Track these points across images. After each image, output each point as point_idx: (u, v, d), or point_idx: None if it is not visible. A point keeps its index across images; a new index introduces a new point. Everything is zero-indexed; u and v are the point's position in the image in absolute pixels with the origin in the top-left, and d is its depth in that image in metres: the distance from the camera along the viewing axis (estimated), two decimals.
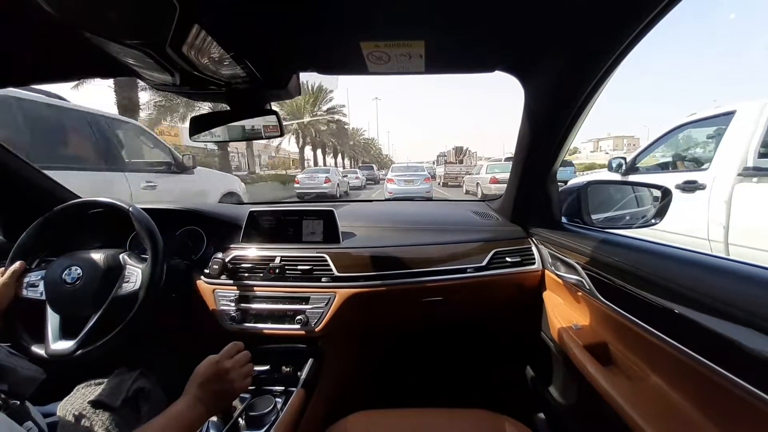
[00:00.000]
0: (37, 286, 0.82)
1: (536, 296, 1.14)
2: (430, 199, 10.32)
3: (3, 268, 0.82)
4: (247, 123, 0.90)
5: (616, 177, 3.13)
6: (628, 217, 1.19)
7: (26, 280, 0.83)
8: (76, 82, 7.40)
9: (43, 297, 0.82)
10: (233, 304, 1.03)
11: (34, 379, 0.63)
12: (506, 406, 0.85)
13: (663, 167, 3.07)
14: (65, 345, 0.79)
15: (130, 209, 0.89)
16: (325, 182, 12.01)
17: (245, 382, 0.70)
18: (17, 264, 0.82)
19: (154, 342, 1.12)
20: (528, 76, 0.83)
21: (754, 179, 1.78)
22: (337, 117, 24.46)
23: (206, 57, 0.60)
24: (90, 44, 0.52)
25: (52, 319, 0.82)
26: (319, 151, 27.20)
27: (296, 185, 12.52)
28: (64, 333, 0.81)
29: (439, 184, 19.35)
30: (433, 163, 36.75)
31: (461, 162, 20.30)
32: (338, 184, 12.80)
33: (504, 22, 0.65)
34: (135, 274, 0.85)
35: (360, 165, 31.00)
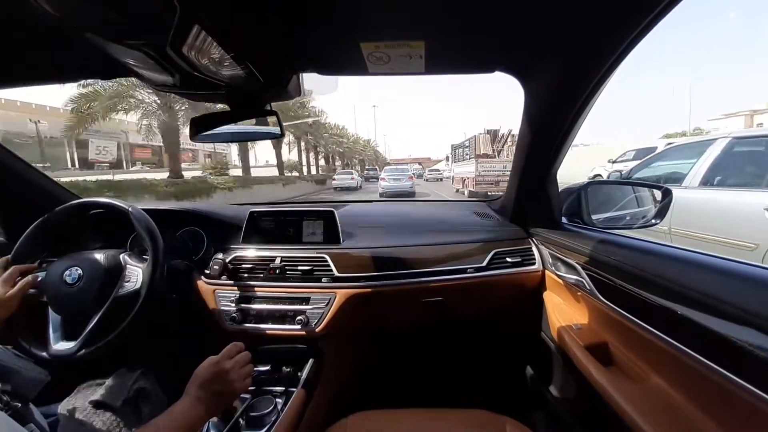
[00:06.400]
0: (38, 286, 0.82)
1: (536, 296, 1.14)
2: (412, 194, 12.05)
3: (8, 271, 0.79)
4: (247, 123, 0.90)
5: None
6: (628, 218, 1.19)
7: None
8: None
9: (44, 298, 0.82)
10: (234, 305, 1.03)
11: (38, 381, 0.63)
12: (506, 406, 0.85)
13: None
14: (67, 345, 0.79)
15: (130, 209, 0.89)
16: (351, 179, 18.92)
17: (245, 383, 0.70)
18: (29, 278, 0.79)
19: (154, 342, 1.12)
20: (528, 76, 0.83)
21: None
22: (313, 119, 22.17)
23: (207, 58, 0.60)
24: (90, 45, 0.52)
25: (54, 320, 0.82)
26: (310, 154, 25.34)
27: (333, 181, 19.59)
28: (66, 333, 0.81)
29: (458, 191, 13.55)
30: (446, 159, 28.03)
31: (499, 154, 12.28)
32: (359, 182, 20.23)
33: (504, 22, 0.65)
34: (135, 275, 0.85)
35: (367, 168, 38.98)
